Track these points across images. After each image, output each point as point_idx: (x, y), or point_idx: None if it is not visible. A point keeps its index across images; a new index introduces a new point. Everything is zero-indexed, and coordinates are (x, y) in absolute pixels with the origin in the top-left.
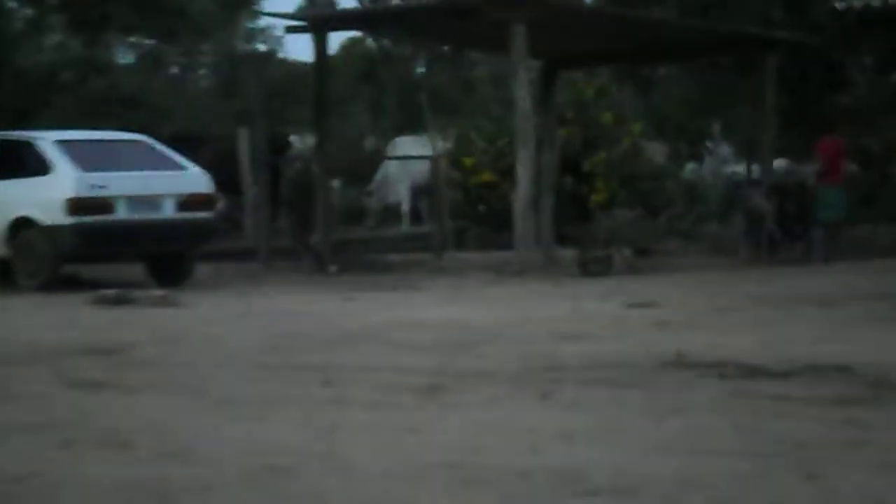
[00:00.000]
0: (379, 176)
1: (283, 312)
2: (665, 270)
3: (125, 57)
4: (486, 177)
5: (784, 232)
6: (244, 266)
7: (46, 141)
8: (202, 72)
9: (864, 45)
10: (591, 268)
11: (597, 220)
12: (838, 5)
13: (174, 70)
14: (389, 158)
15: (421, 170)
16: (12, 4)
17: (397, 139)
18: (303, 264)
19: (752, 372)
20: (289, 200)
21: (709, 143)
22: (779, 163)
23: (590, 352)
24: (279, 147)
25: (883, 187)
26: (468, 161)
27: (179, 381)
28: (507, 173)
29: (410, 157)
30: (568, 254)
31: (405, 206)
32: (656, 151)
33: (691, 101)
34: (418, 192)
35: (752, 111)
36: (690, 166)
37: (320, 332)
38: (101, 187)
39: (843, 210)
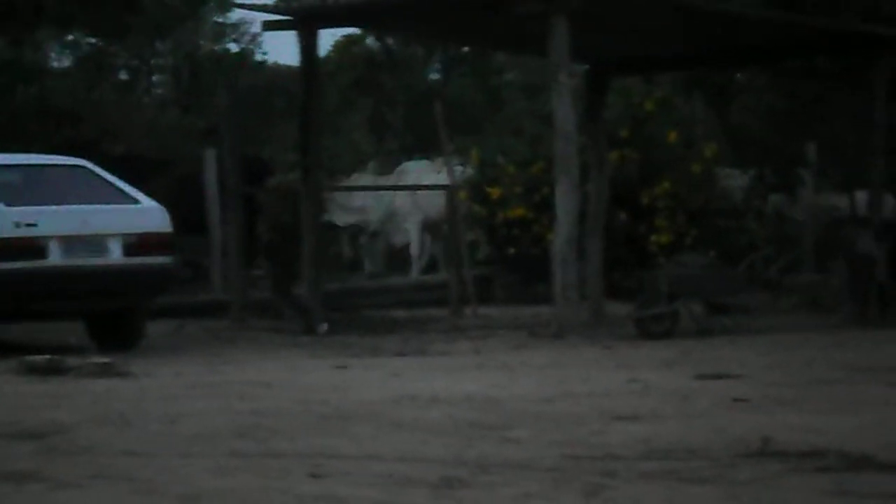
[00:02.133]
0: (381, 211)
1: (259, 384)
2: (745, 332)
3: (61, 60)
4: (518, 212)
5: None
6: (211, 325)
7: None
8: (158, 78)
9: None
10: (651, 328)
11: (658, 267)
12: None
13: (123, 76)
14: (395, 189)
15: (434, 203)
16: None
17: (405, 164)
18: (285, 322)
19: (858, 463)
20: (268, 242)
21: (801, 171)
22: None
23: (649, 436)
24: (256, 174)
25: None
26: (494, 192)
27: (127, 473)
28: (545, 208)
29: (421, 188)
30: (621, 310)
31: (415, 249)
32: (734, 180)
33: (779, 117)
34: (431, 231)
35: (858, 130)
36: (777, 199)
37: (306, 409)
38: (28, 225)
39: None
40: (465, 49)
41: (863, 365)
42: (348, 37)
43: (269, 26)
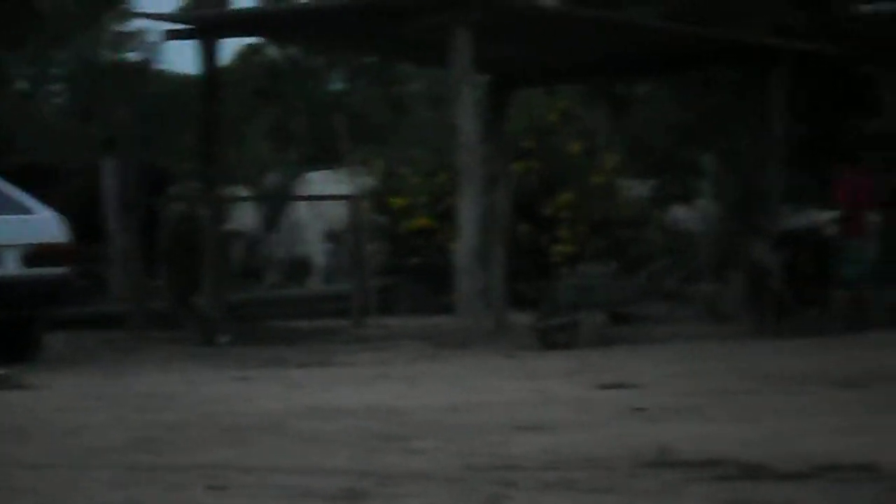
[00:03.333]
0: (283, 221)
1: (158, 396)
2: (645, 341)
3: None
4: (421, 222)
5: (795, 294)
6: (110, 336)
7: None
8: (56, 87)
9: None
10: (553, 337)
11: (560, 277)
12: (865, 8)
13: (21, 85)
14: (297, 199)
15: (337, 213)
16: None
17: (307, 174)
18: (185, 333)
19: (755, 472)
20: (168, 252)
21: (699, 181)
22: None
23: (550, 446)
24: (156, 183)
25: None
26: (398, 202)
27: (24, 487)
28: (448, 218)
29: (323, 198)
30: (525, 320)
31: (317, 260)
32: (635, 191)
33: (679, 127)
34: (334, 241)
35: (756, 140)
36: (676, 209)
37: (206, 421)
38: None
39: (870, 267)
40: (369, 59)
41: (761, 374)
42: (251, 46)
43: (170, 35)
